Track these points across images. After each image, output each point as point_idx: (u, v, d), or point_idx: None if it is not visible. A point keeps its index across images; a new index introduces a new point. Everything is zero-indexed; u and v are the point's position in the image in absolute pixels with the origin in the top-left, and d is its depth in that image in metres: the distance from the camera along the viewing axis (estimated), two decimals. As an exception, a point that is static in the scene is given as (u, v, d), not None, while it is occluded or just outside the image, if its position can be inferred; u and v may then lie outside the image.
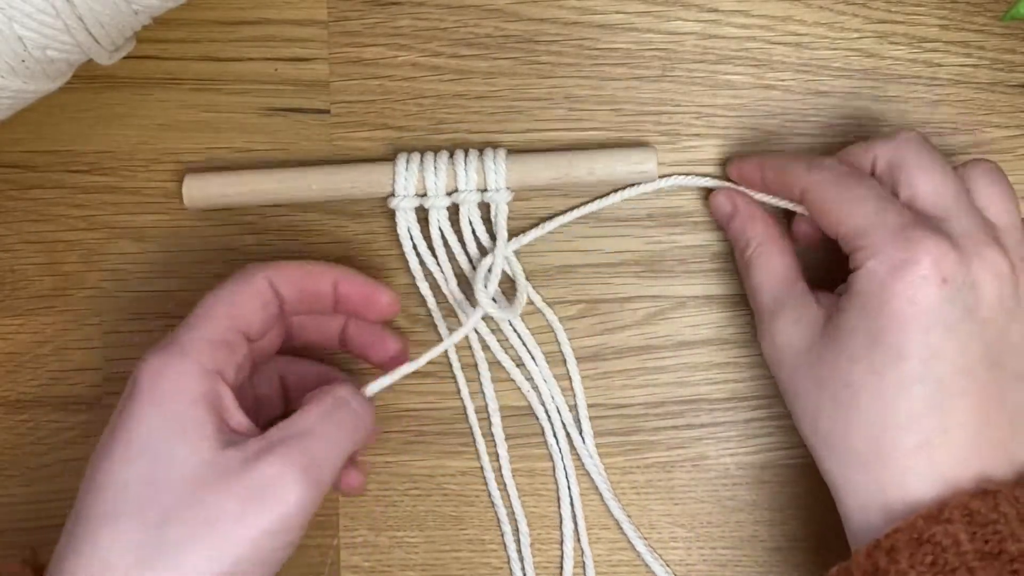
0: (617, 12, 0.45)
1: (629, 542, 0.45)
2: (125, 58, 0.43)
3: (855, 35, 0.45)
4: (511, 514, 0.45)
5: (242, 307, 0.38)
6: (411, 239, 0.44)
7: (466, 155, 0.43)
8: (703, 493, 0.45)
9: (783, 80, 0.45)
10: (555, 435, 0.45)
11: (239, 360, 0.37)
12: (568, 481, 0.45)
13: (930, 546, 0.34)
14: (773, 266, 0.41)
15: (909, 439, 0.35)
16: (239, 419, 0.36)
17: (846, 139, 0.45)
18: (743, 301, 0.45)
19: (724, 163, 0.44)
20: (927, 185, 0.37)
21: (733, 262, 0.45)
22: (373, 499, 0.45)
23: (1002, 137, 0.45)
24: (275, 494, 0.34)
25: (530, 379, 0.45)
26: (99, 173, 0.45)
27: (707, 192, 0.44)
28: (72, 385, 0.45)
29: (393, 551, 0.45)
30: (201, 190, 0.43)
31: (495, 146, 0.44)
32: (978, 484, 0.35)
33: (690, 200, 0.45)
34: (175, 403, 0.35)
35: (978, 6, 0.45)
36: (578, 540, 0.45)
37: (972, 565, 0.33)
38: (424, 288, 0.45)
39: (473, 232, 0.44)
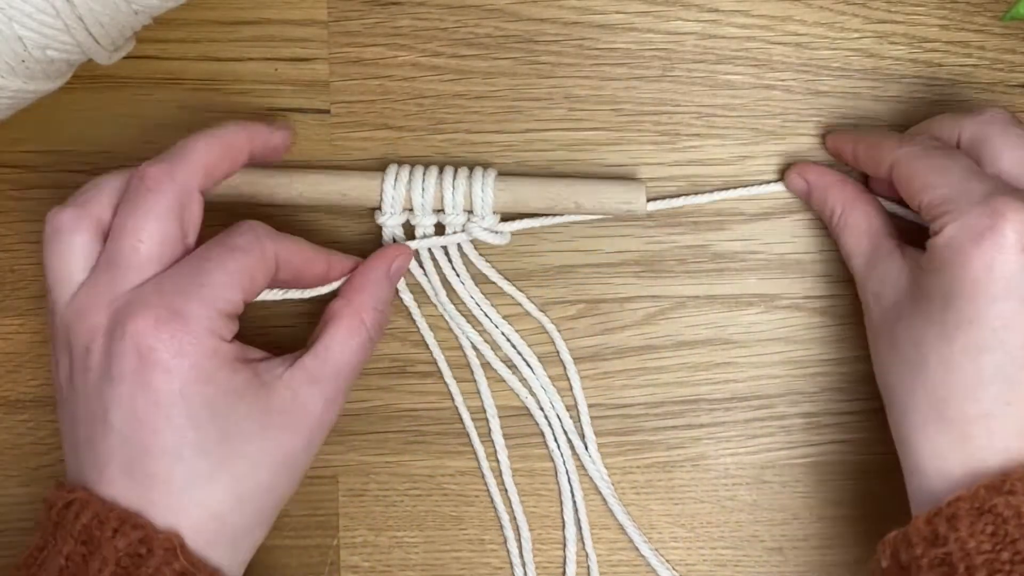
0: (617, 12, 0.45)
1: (631, 542, 0.45)
2: (125, 58, 0.43)
3: (855, 35, 0.45)
4: (512, 517, 0.45)
5: (255, 282, 0.39)
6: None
7: (455, 176, 0.43)
8: (703, 493, 0.45)
9: (783, 80, 0.45)
10: (556, 439, 0.45)
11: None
12: (571, 484, 0.45)
13: (991, 516, 0.34)
14: (858, 228, 0.41)
15: (971, 407, 0.35)
16: (254, 352, 0.39)
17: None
18: (743, 301, 0.45)
19: (783, 169, 0.44)
20: (1012, 159, 0.38)
21: (733, 262, 0.45)
22: (373, 499, 0.45)
23: (1002, 137, 0.45)
24: (303, 408, 0.38)
25: (525, 382, 0.45)
26: (99, 173, 0.45)
27: (780, 173, 0.45)
28: (72, 385, 0.45)
29: (393, 551, 0.45)
30: None
31: (486, 165, 0.43)
32: None
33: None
34: (200, 374, 0.36)
35: (978, 6, 0.45)
36: (582, 542, 0.45)
37: None
38: (408, 299, 0.45)
39: (459, 248, 0.44)
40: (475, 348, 0.45)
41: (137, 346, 0.36)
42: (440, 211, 0.43)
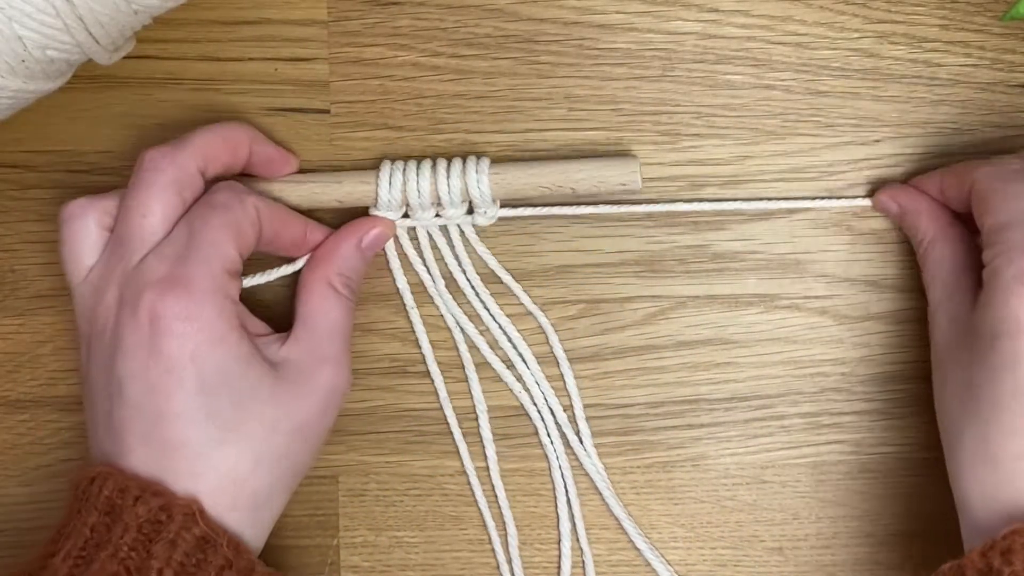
0: (617, 12, 0.45)
1: (630, 541, 0.45)
2: (125, 58, 0.43)
3: (855, 35, 0.45)
4: (500, 516, 0.45)
5: (245, 236, 0.39)
6: (396, 249, 0.44)
7: (448, 169, 0.43)
8: (703, 493, 0.45)
9: (783, 80, 0.45)
10: (549, 435, 0.45)
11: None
12: (564, 481, 0.45)
13: None
14: (943, 259, 0.41)
15: (1016, 445, 0.35)
16: (256, 326, 0.41)
17: (845, 140, 0.45)
18: (743, 301, 0.45)
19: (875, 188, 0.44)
20: None
21: (733, 262, 0.45)
22: (373, 499, 0.45)
23: (1002, 137, 0.45)
24: (309, 377, 0.39)
25: (521, 379, 0.45)
26: (99, 173, 0.45)
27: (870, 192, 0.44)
28: (72, 385, 0.45)
29: (393, 551, 0.45)
30: None
31: (479, 155, 0.43)
32: None
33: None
34: (209, 336, 0.37)
35: (978, 6, 0.45)
36: (577, 540, 0.45)
37: None
38: (409, 299, 0.45)
39: (463, 236, 0.44)
40: (471, 344, 0.45)
41: (146, 316, 0.37)
42: (439, 204, 0.43)
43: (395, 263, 0.45)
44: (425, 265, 0.45)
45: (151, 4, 0.39)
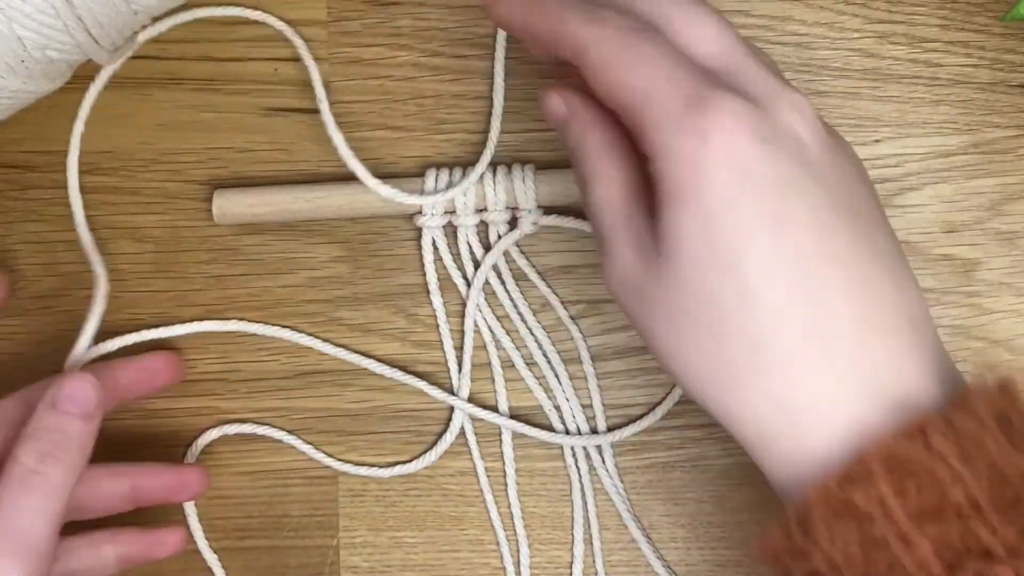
0: (617, 12, 0.45)
1: (632, 541, 0.45)
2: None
3: (855, 35, 0.45)
4: (507, 515, 0.45)
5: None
6: (433, 251, 0.44)
7: (495, 174, 0.43)
8: (703, 493, 0.45)
9: (783, 80, 0.45)
10: (569, 436, 0.45)
11: None
12: (582, 483, 0.45)
13: (852, 515, 0.28)
14: (613, 181, 0.34)
15: (786, 373, 0.30)
16: None
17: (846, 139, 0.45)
18: (743, 301, 0.45)
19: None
20: (706, 32, 0.32)
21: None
22: (373, 499, 0.45)
23: (1002, 137, 0.45)
24: None
25: (543, 381, 0.45)
26: (99, 173, 0.45)
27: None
28: (72, 385, 0.45)
29: (393, 551, 0.45)
30: (232, 207, 0.43)
31: (523, 162, 0.44)
32: (899, 416, 0.29)
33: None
34: None
35: (978, 6, 0.45)
36: (590, 544, 0.45)
37: (906, 530, 0.27)
38: (437, 301, 0.45)
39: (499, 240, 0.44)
40: (498, 345, 0.45)
41: None
42: (482, 210, 0.43)
43: (428, 257, 0.44)
44: (461, 269, 0.45)
45: (151, 4, 0.39)
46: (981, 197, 0.45)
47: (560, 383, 0.45)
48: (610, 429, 0.45)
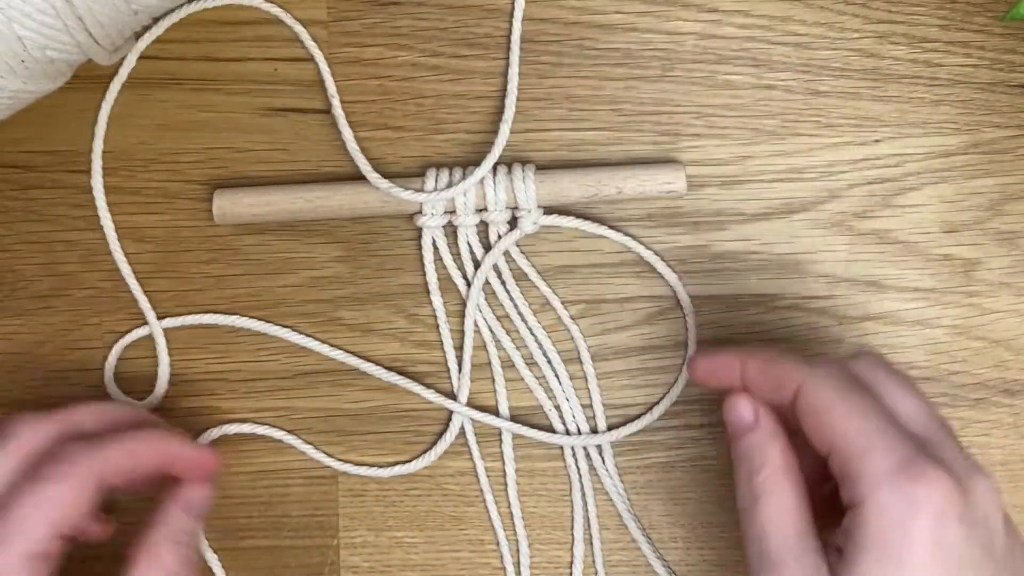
0: (617, 12, 0.45)
1: (632, 541, 0.45)
2: (124, 58, 0.43)
3: (855, 35, 0.45)
4: (507, 515, 0.45)
5: (65, 511, 0.36)
6: (433, 251, 0.44)
7: (495, 173, 0.43)
8: (703, 493, 0.45)
9: (783, 80, 0.45)
10: (568, 436, 0.45)
11: (56, 561, 0.37)
12: (582, 483, 0.45)
13: None
14: (786, 505, 0.34)
15: None
16: None
17: (845, 140, 0.45)
18: (743, 301, 0.45)
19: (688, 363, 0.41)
20: (910, 405, 0.35)
21: (733, 262, 0.45)
22: (373, 499, 0.45)
23: (1002, 137, 0.45)
24: None
25: (543, 381, 0.45)
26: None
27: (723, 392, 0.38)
28: (72, 385, 0.45)
29: (393, 551, 0.45)
30: (232, 207, 0.43)
31: (523, 162, 0.44)
32: None
33: (690, 200, 0.45)
34: None
35: (978, 6, 0.45)
36: (590, 544, 0.45)
37: None
38: (437, 301, 0.45)
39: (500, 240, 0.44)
40: (498, 345, 0.45)
41: None
42: (482, 210, 0.43)
43: (428, 257, 0.44)
44: (461, 269, 0.45)
45: (151, 4, 0.39)
46: (981, 197, 0.45)
47: (560, 383, 0.45)
48: (610, 429, 0.45)
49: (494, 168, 0.43)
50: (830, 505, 0.35)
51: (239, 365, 0.45)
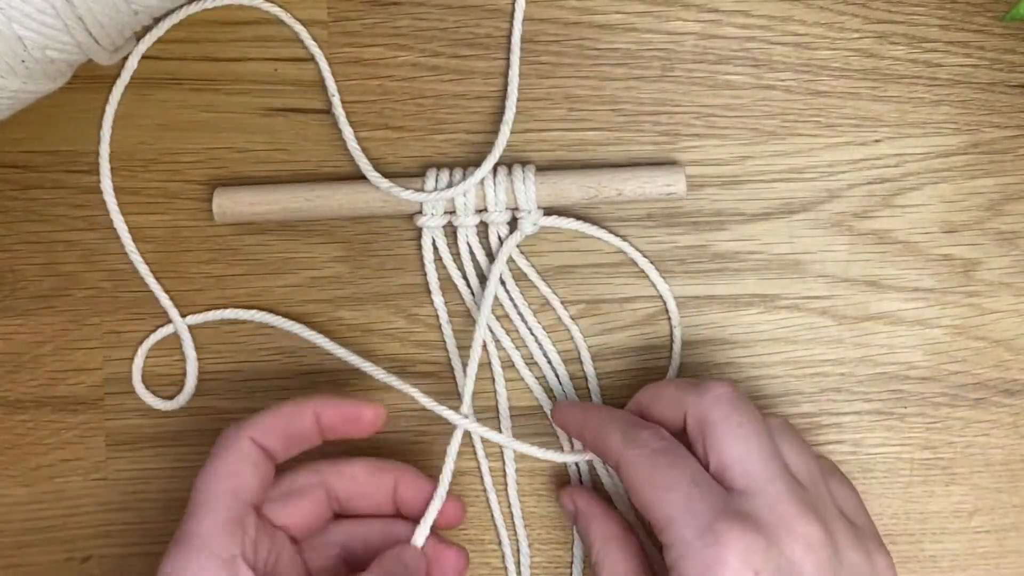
0: (617, 12, 0.45)
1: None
2: (125, 58, 0.43)
3: (855, 35, 0.45)
4: (507, 515, 0.45)
5: (237, 478, 0.38)
6: (433, 251, 0.44)
7: (495, 174, 0.43)
8: (703, 493, 0.45)
9: (783, 80, 0.45)
10: (569, 437, 0.45)
11: (253, 535, 0.38)
12: (582, 483, 0.45)
13: None
14: (614, 568, 0.40)
15: None
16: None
17: (845, 140, 0.45)
18: (743, 301, 0.45)
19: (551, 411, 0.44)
20: (734, 452, 0.36)
21: (733, 262, 0.45)
22: (373, 499, 0.45)
23: (1002, 137, 0.45)
24: None
25: (543, 380, 0.45)
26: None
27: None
28: (72, 385, 0.45)
29: (393, 551, 0.45)
30: (232, 206, 0.43)
31: (524, 163, 0.44)
32: None
33: (690, 200, 0.45)
34: None
35: (978, 6, 0.45)
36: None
37: None
38: (438, 300, 0.45)
39: (500, 243, 0.44)
40: (498, 345, 0.45)
41: None
42: (482, 211, 0.43)
43: (428, 257, 0.44)
44: (461, 269, 0.45)
45: (151, 4, 0.39)
46: (981, 197, 0.45)
47: (560, 383, 0.45)
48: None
49: (494, 169, 0.43)
50: None
51: (239, 365, 0.45)
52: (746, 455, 0.36)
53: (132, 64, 0.44)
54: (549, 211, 0.44)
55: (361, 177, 0.44)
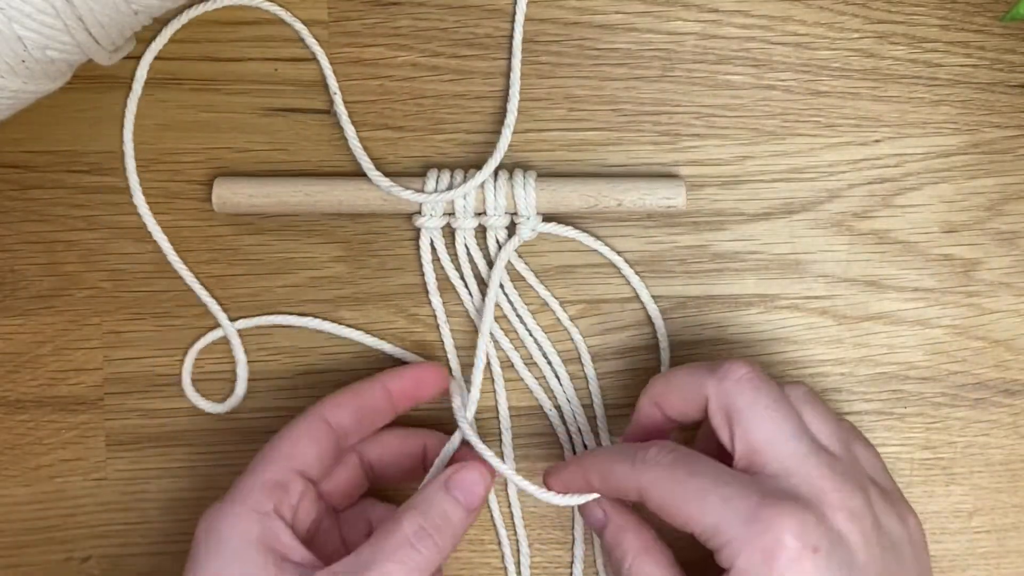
0: (617, 12, 0.45)
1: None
2: (125, 58, 0.43)
3: (855, 35, 0.45)
4: (508, 515, 0.45)
5: (292, 445, 0.40)
6: (432, 251, 0.44)
7: (496, 178, 0.43)
8: (703, 493, 0.45)
9: (783, 80, 0.45)
10: (570, 437, 0.45)
11: (295, 500, 0.39)
12: None
13: None
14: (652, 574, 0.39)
15: None
16: (301, 554, 0.38)
17: (845, 140, 0.45)
18: (743, 301, 0.45)
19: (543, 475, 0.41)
20: (764, 435, 0.36)
21: (733, 262, 0.45)
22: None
23: (1002, 137, 0.45)
24: None
25: (543, 380, 0.45)
26: (99, 173, 0.45)
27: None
28: (72, 385, 0.45)
29: (393, 551, 0.45)
30: (232, 196, 0.43)
31: (525, 168, 0.44)
32: None
33: (691, 200, 0.45)
34: (230, 548, 0.37)
35: (978, 6, 0.45)
36: (590, 543, 0.45)
37: None
38: (436, 301, 0.45)
39: (499, 246, 0.44)
40: (497, 346, 0.45)
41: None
42: (481, 214, 0.43)
43: (427, 257, 0.44)
44: (459, 270, 0.45)
45: (151, 4, 0.39)
46: (981, 197, 0.45)
47: (560, 383, 0.45)
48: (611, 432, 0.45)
49: (495, 172, 0.43)
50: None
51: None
52: (777, 437, 0.36)
53: (142, 75, 0.44)
54: (548, 217, 0.44)
55: (361, 177, 0.44)
